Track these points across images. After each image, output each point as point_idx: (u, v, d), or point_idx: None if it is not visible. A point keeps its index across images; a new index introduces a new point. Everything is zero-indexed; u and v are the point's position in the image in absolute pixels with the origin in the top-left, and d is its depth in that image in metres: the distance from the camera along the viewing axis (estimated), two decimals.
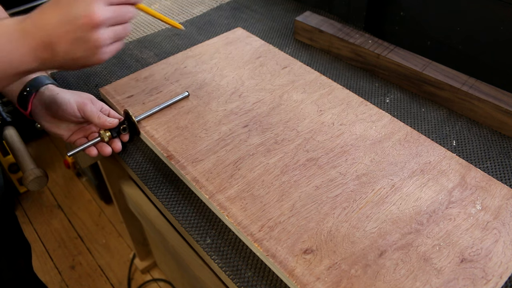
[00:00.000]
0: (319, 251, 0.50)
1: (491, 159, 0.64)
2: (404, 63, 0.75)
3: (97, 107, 0.64)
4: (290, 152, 0.62)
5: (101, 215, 1.56)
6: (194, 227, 0.57)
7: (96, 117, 0.61)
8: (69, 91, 0.64)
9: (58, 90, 0.63)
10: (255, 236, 0.51)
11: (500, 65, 0.74)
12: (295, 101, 0.70)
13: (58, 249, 1.45)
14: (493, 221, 0.53)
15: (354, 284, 0.47)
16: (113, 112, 0.65)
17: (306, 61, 0.84)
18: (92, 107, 0.62)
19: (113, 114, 0.65)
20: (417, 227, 0.52)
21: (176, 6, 1.04)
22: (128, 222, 1.14)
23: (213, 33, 0.92)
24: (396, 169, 0.59)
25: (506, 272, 0.48)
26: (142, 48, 0.89)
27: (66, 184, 1.67)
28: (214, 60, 0.80)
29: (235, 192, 0.56)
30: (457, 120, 0.71)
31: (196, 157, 0.61)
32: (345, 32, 0.83)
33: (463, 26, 0.76)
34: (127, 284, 1.34)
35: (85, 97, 0.64)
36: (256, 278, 0.51)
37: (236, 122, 0.67)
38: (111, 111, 0.65)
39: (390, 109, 0.73)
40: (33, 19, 0.47)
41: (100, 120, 0.61)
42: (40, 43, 0.46)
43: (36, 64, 0.48)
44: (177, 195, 0.61)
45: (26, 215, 1.56)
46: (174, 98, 0.70)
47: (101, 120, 0.61)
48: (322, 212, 0.54)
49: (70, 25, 0.46)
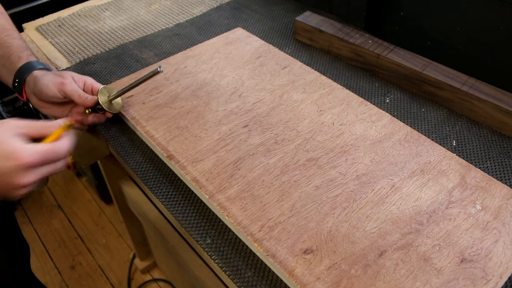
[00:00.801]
0: (319, 251, 0.50)
1: (491, 159, 0.64)
2: (404, 63, 0.75)
3: (80, 83, 0.64)
4: (290, 152, 0.62)
5: (101, 215, 1.56)
6: (194, 227, 0.57)
7: (77, 96, 0.62)
8: (50, 73, 0.64)
9: (39, 75, 0.64)
10: (255, 236, 0.51)
11: (500, 65, 0.74)
12: (295, 101, 0.70)
13: (58, 249, 1.45)
14: (493, 221, 0.53)
15: (354, 284, 0.47)
16: (96, 85, 0.66)
17: (306, 61, 0.84)
18: (72, 86, 0.62)
19: (95, 88, 0.65)
20: (417, 227, 0.52)
21: (176, 6, 1.04)
22: (128, 222, 1.14)
23: (213, 33, 0.92)
24: (396, 169, 0.59)
25: (506, 272, 0.48)
26: (142, 48, 0.89)
27: (66, 184, 1.67)
28: (214, 60, 0.80)
29: (235, 192, 0.56)
30: (457, 120, 0.71)
31: (196, 157, 0.61)
32: (345, 32, 0.83)
33: (463, 26, 0.76)
34: (127, 284, 1.34)
35: (66, 76, 0.64)
36: (256, 278, 0.51)
37: (236, 122, 0.67)
38: (94, 84, 0.65)
39: (390, 109, 0.73)
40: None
41: (81, 99, 0.63)
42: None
43: None
44: (177, 195, 0.61)
45: (26, 215, 1.56)
46: (145, 75, 0.63)
47: (81, 99, 0.63)
48: (322, 212, 0.54)
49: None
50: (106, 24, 0.97)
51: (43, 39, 0.93)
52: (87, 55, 0.88)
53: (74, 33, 0.94)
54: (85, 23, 0.98)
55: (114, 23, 0.98)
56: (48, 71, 0.66)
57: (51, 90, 0.62)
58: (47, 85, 0.62)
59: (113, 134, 0.70)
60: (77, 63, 0.86)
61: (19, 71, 0.64)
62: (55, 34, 0.94)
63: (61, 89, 0.62)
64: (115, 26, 0.97)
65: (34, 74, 0.64)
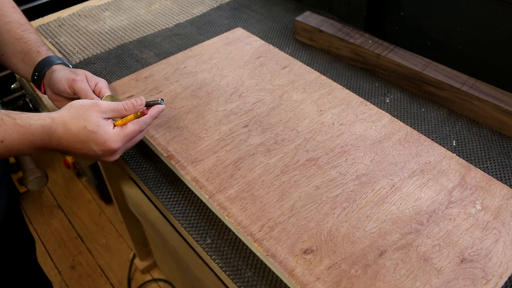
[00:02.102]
0: (319, 251, 0.50)
1: (491, 159, 0.64)
2: (404, 63, 0.75)
3: (92, 83, 0.66)
4: (290, 152, 0.62)
5: (101, 215, 1.56)
6: (194, 227, 0.57)
7: (84, 95, 0.63)
8: (66, 69, 0.66)
9: (57, 69, 0.66)
10: (255, 236, 0.51)
11: (500, 65, 0.74)
12: (295, 101, 0.70)
13: (58, 249, 1.45)
14: (493, 221, 0.53)
15: (354, 284, 0.47)
16: (105, 90, 0.67)
17: (306, 61, 0.84)
18: (82, 84, 0.64)
19: (104, 93, 0.66)
20: (417, 227, 0.52)
21: (176, 6, 1.04)
22: (128, 222, 1.14)
23: (213, 33, 0.92)
24: (396, 169, 0.59)
25: (506, 272, 0.48)
26: (142, 48, 0.89)
27: (66, 184, 1.67)
28: (214, 60, 0.80)
29: (235, 192, 0.56)
30: (457, 120, 0.71)
31: (196, 157, 0.61)
32: (345, 32, 0.83)
33: (463, 26, 0.76)
34: (127, 284, 1.34)
35: (79, 74, 0.65)
36: (256, 278, 0.51)
37: (236, 122, 0.67)
38: (104, 89, 0.66)
39: (390, 109, 0.73)
40: (57, 134, 0.53)
41: (86, 98, 0.64)
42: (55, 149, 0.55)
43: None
44: (177, 195, 0.61)
45: (26, 215, 1.56)
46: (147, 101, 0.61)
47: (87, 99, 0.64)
48: (322, 212, 0.54)
49: (87, 150, 0.55)
50: (106, 24, 0.97)
51: (43, 39, 0.93)
52: (87, 55, 0.88)
53: (74, 33, 0.95)
54: (85, 23, 0.98)
55: (114, 23, 0.98)
56: (66, 66, 0.68)
57: (63, 85, 0.64)
58: (60, 79, 0.64)
59: None
60: (77, 63, 0.86)
61: (39, 65, 0.66)
62: (55, 34, 0.94)
63: (71, 85, 0.64)
64: (115, 26, 0.97)
65: (53, 68, 0.66)
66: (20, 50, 0.67)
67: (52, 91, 0.66)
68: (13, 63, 0.69)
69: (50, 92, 0.67)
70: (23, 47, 0.67)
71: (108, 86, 0.72)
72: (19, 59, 0.68)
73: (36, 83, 0.68)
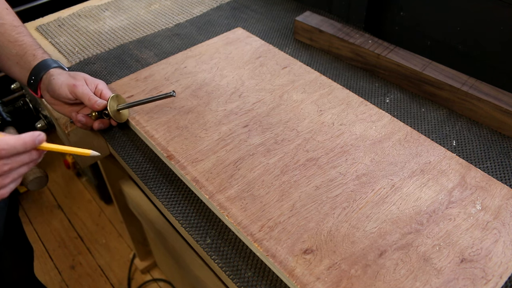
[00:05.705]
0: (319, 251, 0.50)
1: (491, 159, 0.64)
2: (404, 63, 0.75)
3: (92, 86, 0.66)
4: (290, 152, 0.62)
5: (101, 215, 1.56)
6: (194, 227, 0.57)
7: (87, 99, 0.64)
8: (65, 73, 0.66)
9: (55, 73, 0.65)
10: (255, 236, 0.51)
11: (500, 65, 0.74)
12: (295, 101, 0.70)
13: (58, 249, 1.45)
14: (493, 221, 0.53)
15: (354, 284, 0.47)
16: (106, 91, 0.67)
17: (306, 61, 0.84)
18: (84, 89, 0.64)
19: (105, 94, 0.66)
20: (417, 227, 0.52)
21: (176, 6, 1.04)
22: (128, 222, 1.14)
23: (213, 33, 0.92)
24: (396, 169, 0.59)
25: (506, 272, 0.48)
26: (142, 48, 0.89)
27: (66, 184, 1.67)
28: (214, 60, 0.80)
29: (235, 192, 0.56)
30: (457, 120, 0.71)
31: (196, 157, 0.61)
32: (345, 32, 0.83)
33: (463, 26, 0.76)
34: (127, 284, 1.34)
35: (79, 78, 0.65)
36: (256, 278, 0.51)
37: (236, 122, 0.67)
38: (104, 90, 0.66)
39: (390, 109, 0.73)
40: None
41: (90, 102, 0.64)
42: None
43: None
44: (177, 195, 0.61)
45: (26, 215, 1.56)
46: (158, 95, 0.66)
47: (91, 103, 0.64)
48: (322, 212, 0.54)
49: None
50: (106, 24, 0.97)
51: (43, 39, 0.93)
52: (87, 55, 0.88)
53: (74, 33, 0.94)
54: (85, 23, 0.98)
55: (114, 23, 0.98)
56: (63, 69, 0.68)
57: (64, 91, 0.64)
58: (60, 85, 0.64)
59: (113, 134, 0.70)
60: (77, 63, 0.86)
61: (35, 69, 0.66)
62: (55, 34, 0.94)
63: (72, 91, 0.64)
64: (115, 26, 0.97)
65: (50, 72, 0.66)
66: (15, 53, 0.67)
67: (51, 95, 0.66)
68: (7, 66, 0.68)
69: (49, 96, 0.66)
70: (18, 50, 0.67)
71: (108, 86, 0.72)
72: (14, 62, 0.67)
73: (32, 87, 0.67)
